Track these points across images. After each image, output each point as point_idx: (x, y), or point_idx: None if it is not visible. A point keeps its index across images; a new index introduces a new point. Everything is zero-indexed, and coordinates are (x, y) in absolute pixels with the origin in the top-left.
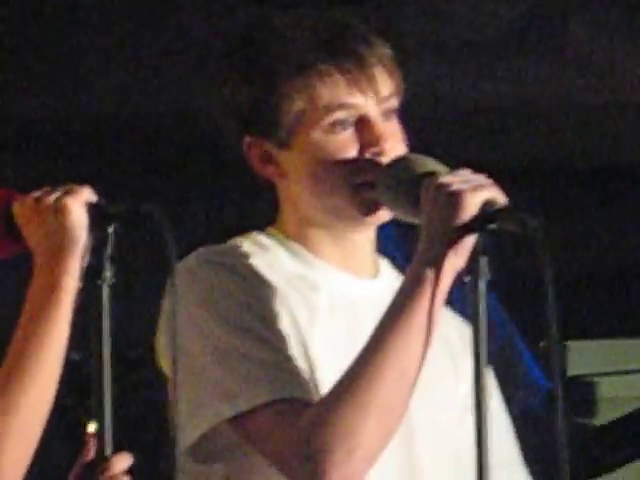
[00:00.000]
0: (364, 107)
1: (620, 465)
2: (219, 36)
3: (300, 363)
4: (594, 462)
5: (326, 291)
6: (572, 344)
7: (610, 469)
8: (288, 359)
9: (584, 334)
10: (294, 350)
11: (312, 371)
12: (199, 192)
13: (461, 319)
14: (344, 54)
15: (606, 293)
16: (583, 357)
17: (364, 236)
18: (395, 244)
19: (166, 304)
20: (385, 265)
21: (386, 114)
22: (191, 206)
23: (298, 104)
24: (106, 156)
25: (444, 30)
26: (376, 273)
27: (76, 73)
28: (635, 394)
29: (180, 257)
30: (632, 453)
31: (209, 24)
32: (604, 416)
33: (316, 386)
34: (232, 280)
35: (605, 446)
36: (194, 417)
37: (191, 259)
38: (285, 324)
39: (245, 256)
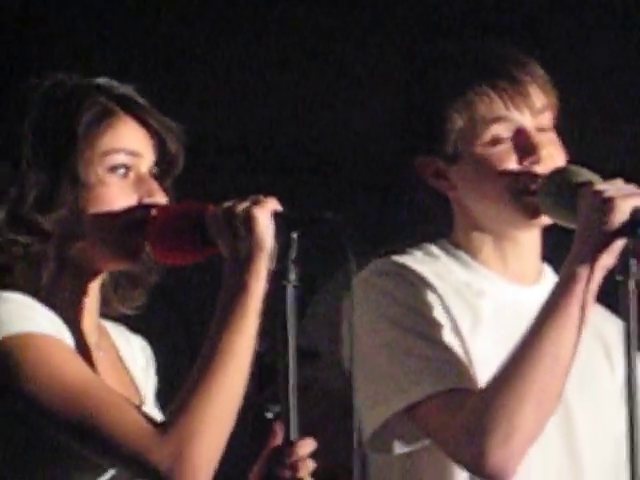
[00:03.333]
0: (520, 120)
1: None
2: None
3: (462, 359)
4: None
5: (490, 297)
6: None
7: None
8: (451, 355)
9: None
10: (456, 348)
11: (473, 366)
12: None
13: (614, 315)
14: (499, 75)
15: None
16: None
17: (529, 239)
18: None
19: (347, 309)
20: (548, 271)
21: (541, 126)
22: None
23: (459, 122)
24: (289, 170)
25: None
26: (539, 279)
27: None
28: None
29: (361, 258)
30: None
31: (374, 58)
32: None
33: (477, 378)
34: (403, 288)
35: None
36: (371, 411)
37: (369, 270)
38: (448, 326)
39: (417, 266)
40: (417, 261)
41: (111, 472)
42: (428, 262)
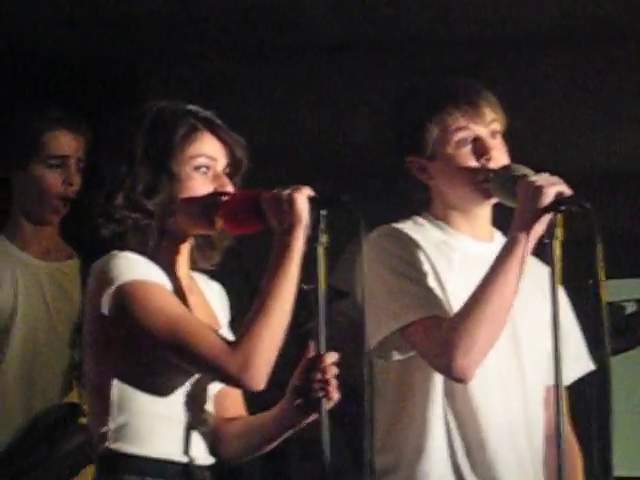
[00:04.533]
0: (477, 130)
1: None
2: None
3: (439, 295)
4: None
5: (460, 251)
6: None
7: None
8: (431, 292)
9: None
10: (435, 287)
11: (447, 300)
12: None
13: (545, 265)
14: (463, 99)
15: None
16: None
17: (483, 213)
18: None
19: (358, 260)
20: (498, 233)
21: (492, 134)
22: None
23: (435, 132)
24: (316, 170)
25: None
26: (492, 238)
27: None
28: None
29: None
30: None
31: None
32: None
33: (451, 309)
34: (399, 246)
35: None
36: (376, 330)
37: (375, 233)
38: (430, 272)
39: (408, 231)
40: (408, 227)
41: (197, 376)
42: (416, 228)
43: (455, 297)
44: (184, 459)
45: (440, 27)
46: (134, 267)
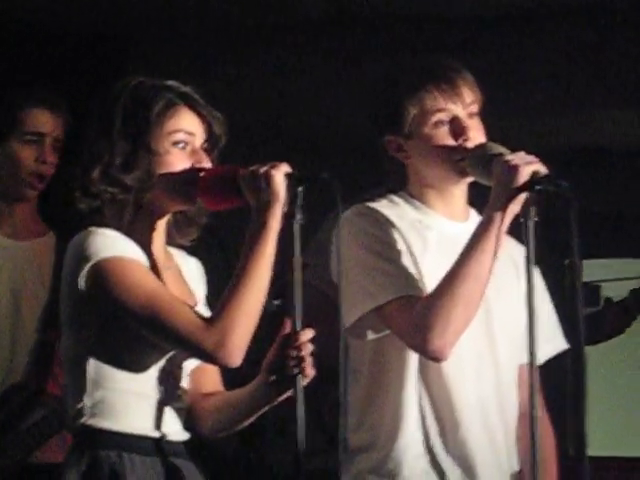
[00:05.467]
0: (455, 110)
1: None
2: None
3: (414, 274)
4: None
5: (435, 230)
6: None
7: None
8: (406, 271)
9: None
10: (410, 267)
11: (422, 279)
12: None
13: (519, 243)
14: (441, 79)
15: (607, 230)
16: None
17: (459, 191)
18: None
19: (334, 238)
20: (473, 212)
21: (470, 114)
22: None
23: (413, 111)
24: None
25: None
26: (468, 217)
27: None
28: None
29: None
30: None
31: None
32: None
33: (425, 288)
34: (373, 225)
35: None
36: (351, 309)
37: (350, 212)
38: (405, 252)
39: (383, 209)
40: (383, 206)
41: (173, 353)
42: (391, 207)
43: (430, 276)
44: (159, 434)
45: (428, 4)
46: (112, 244)
